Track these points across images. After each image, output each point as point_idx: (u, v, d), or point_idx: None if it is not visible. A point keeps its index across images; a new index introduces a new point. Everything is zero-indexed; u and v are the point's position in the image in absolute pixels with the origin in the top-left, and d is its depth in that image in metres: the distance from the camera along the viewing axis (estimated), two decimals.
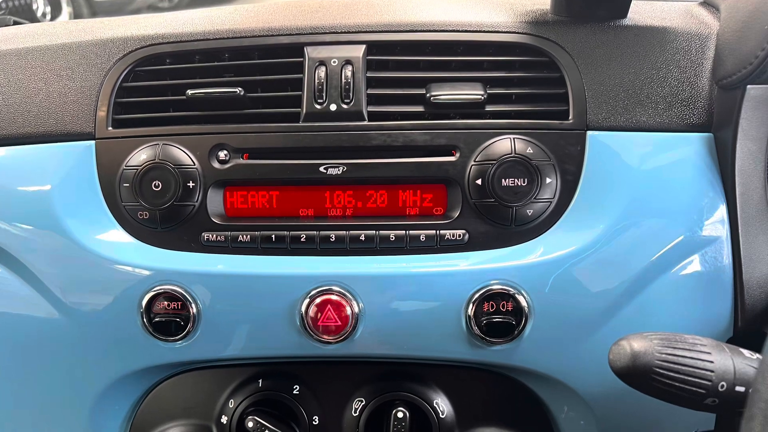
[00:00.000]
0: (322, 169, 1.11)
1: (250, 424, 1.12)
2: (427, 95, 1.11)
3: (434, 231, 1.10)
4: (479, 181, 1.08)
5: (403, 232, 1.11)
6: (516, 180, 1.07)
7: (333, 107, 1.12)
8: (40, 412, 1.19)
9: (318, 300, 1.07)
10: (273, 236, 1.11)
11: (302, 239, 1.11)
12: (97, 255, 1.10)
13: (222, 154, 1.12)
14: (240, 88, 1.11)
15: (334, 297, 1.07)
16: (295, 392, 1.18)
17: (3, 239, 1.13)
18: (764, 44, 0.96)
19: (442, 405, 1.17)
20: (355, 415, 1.18)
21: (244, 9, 1.24)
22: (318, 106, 1.12)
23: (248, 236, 1.12)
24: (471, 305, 1.07)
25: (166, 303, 1.09)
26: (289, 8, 1.24)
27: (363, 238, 1.11)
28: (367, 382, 1.19)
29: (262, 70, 1.16)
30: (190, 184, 1.10)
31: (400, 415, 1.11)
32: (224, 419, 1.17)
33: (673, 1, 1.27)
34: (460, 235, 1.10)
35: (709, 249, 1.08)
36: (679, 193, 1.09)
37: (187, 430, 1.21)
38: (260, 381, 1.18)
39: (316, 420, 1.19)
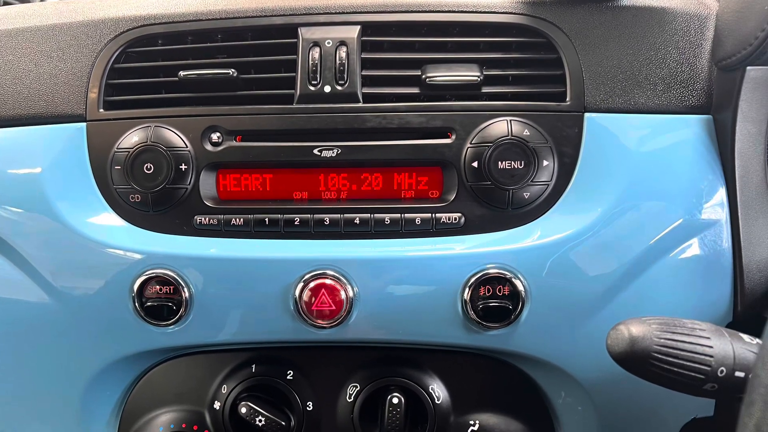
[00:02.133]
0: (316, 151, 1.09)
1: (243, 410, 1.12)
2: (423, 77, 1.09)
3: (430, 214, 1.09)
4: (475, 164, 1.07)
5: (399, 215, 1.09)
6: (513, 162, 1.06)
7: (327, 89, 1.10)
8: (31, 398, 1.18)
9: (312, 284, 1.06)
10: (266, 219, 1.10)
11: (296, 222, 1.10)
12: (87, 238, 1.09)
13: (215, 137, 1.11)
14: (233, 70, 1.10)
15: (328, 281, 1.06)
16: (288, 378, 1.17)
17: None
18: (764, 25, 0.95)
19: (438, 391, 1.16)
20: (349, 400, 1.17)
21: None
22: (312, 88, 1.10)
23: (241, 219, 1.10)
24: (467, 289, 1.06)
25: (158, 287, 1.08)
26: None
27: (357, 222, 1.09)
28: (362, 368, 1.19)
29: (255, 51, 1.14)
30: (183, 167, 1.09)
31: (395, 400, 1.11)
32: (217, 405, 1.16)
33: None
34: (456, 219, 1.09)
35: (708, 232, 1.07)
36: (677, 175, 1.08)
37: (179, 416, 1.20)
38: (253, 366, 1.17)
39: (310, 406, 1.18)
